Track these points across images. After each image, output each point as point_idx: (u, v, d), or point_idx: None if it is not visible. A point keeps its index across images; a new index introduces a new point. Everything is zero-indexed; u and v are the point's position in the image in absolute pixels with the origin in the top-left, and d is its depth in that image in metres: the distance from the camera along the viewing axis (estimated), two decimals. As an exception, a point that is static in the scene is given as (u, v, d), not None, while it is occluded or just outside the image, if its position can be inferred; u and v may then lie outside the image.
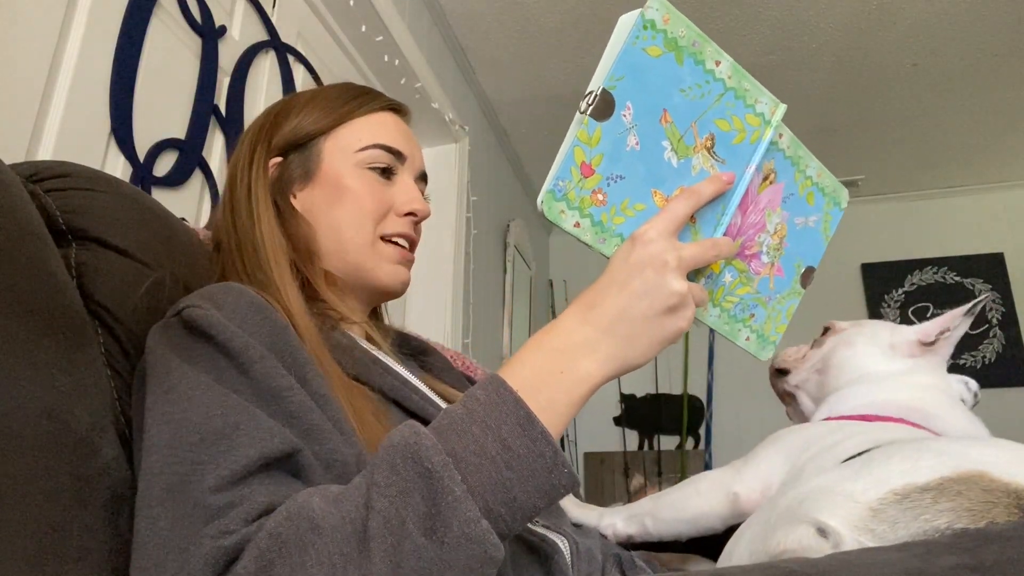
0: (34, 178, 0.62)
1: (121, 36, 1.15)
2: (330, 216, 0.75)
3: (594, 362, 0.52)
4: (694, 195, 0.57)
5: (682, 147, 0.59)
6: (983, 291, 3.39)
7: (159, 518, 0.46)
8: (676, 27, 0.56)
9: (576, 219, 0.55)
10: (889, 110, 2.87)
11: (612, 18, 0.60)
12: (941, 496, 0.47)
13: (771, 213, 0.66)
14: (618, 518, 0.82)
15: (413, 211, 0.77)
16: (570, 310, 0.54)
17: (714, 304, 0.64)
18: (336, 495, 0.45)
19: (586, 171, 0.55)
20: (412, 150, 0.80)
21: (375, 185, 0.76)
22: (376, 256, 0.76)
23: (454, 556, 0.42)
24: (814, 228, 0.70)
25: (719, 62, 0.59)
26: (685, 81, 0.57)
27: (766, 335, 0.69)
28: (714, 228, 0.61)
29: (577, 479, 0.47)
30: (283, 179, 0.76)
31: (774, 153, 0.64)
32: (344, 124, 0.78)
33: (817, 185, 0.69)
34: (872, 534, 0.47)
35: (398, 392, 0.66)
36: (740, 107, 0.61)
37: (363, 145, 0.76)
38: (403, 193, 0.78)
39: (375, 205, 0.75)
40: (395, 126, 0.80)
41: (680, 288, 0.53)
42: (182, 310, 0.57)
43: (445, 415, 0.48)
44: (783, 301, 0.70)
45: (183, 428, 0.49)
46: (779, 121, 0.63)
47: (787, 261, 0.69)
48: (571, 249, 3.64)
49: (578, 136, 0.54)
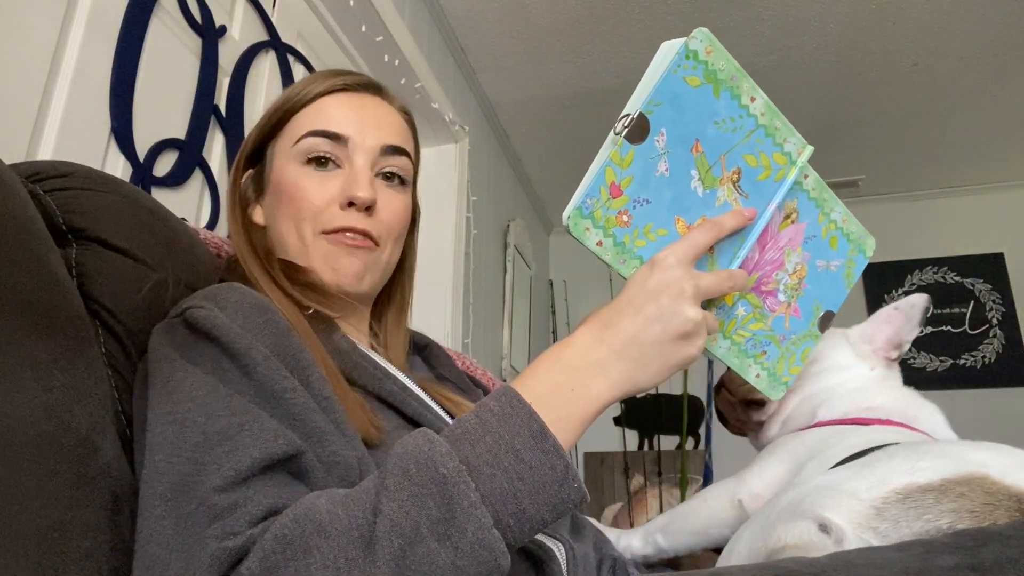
0: (34, 178, 0.62)
1: (121, 36, 1.15)
2: (276, 223, 0.73)
3: (605, 382, 0.52)
4: (715, 227, 0.58)
5: (709, 178, 0.60)
6: (983, 291, 3.39)
7: (162, 517, 0.46)
8: (717, 60, 0.57)
9: (600, 238, 0.56)
10: (889, 110, 2.87)
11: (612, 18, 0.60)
12: (943, 497, 0.47)
13: (791, 252, 0.66)
14: (635, 539, 0.83)
15: (351, 198, 0.70)
16: (585, 327, 0.55)
17: (725, 336, 0.64)
18: (343, 498, 0.45)
19: (615, 192, 0.55)
20: (363, 127, 0.72)
21: (315, 178, 0.71)
22: (315, 254, 0.70)
23: (467, 562, 0.42)
24: (836, 273, 0.70)
25: (754, 98, 0.60)
26: (720, 114, 0.58)
27: (778, 375, 0.69)
28: (731, 260, 0.62)
29: (587, 495, 0.47)
30: (245, 193, 0.77)
31: (798, 193, 0.65)
32: (290, 120, 0.74)
33: (842, 230, 0.69)
34: (875, 532, 0.47)
35: (395, 397, 0.66)
36: (769, 145, 0.62)
37: (297, 136, 0.72)
38: (346, 179, 0.71)
39: (311, 201, 0.70)
40: (339, 106, 0.73)
41: (695, 316, 0.54)
42: (185, 310, 0.57)
43: (458, 424, 0.48)
44: (799, 342, 0.69)
45: (187, 428, 0.49)
46: (805, 162, 0.63)
47: (805, 302, 0.69)
48: (571, 249, 3.63)
49: (611, 156, 0.54)
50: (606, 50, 2.49)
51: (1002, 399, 3.20)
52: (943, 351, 3.34)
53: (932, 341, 3.36)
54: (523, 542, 0.46)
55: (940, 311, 3.41)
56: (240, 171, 0.78)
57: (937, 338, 3.37)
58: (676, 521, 0.79)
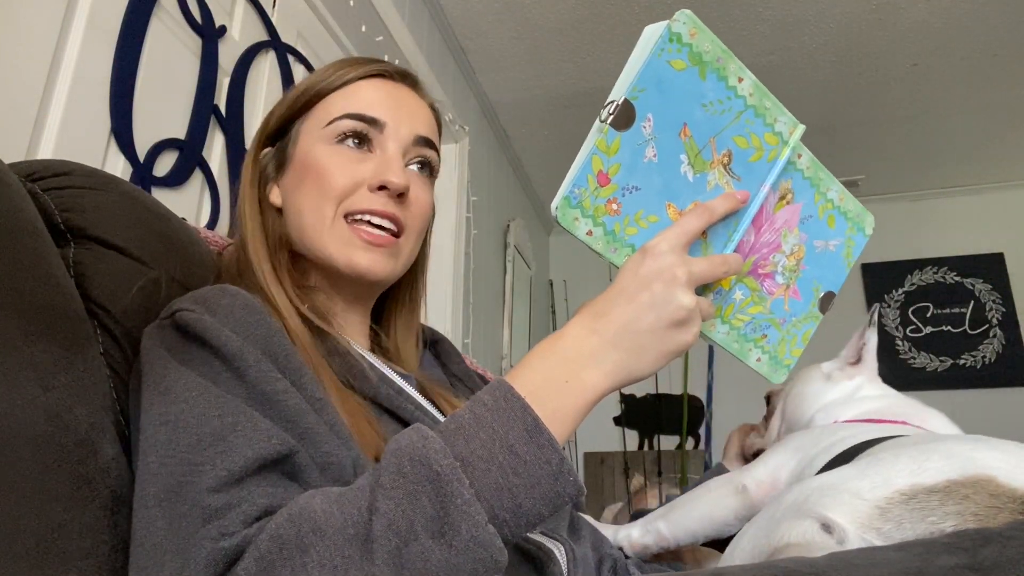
0: (33, 177, 0.62)
1: (121, 36, 1.15)
2: (295, 200, 0.71)
3: (600, 373, 0.51)
4: (707, 211, 0.57)
5: (699, 162, 0.59)
6: (983, 291, 3.39)
7: (156, 519, 0.46)
8: (702, 42, 0.56)
9: (589, 227, 0.55)
10: (889, 110, 2.87)
11: (612, 18, 0.60)
12: (948, 499, 0.47)
13: (787, 233, 0.65)
14: (633, 529, 0.82)
15: (384, 183, 0.68)
16: (578, 318, 0.54)
17: (723, 321, 0.63)
18: (339, 496, 0.45)
19: (603, 180, 0.55)
20: (397, 115, 0.72)
21: (345, 159, 0.69)
22: (331, 236, 0.69)
23: (462, 560, 0.42)
24: (835, 252, 0.69)
25: (742, 79, 0.59)
26: (707, 96, 0.57)
27: (779, 358, 0.68)
28: (725, 244, 0.61)
29: (583, 488, 0.47)
30: (264, 171, 0.75)
31: (792, 173, 0.64)
32: (321, 101, 0.72)
33: (839, 209, 0.68)
34: (878, 533, 0.47)
35: (392, 401, 0.65)
36: (759, 125, 0.61)
37: (331, 118, 0.70)
38: (379, 164, 0.70)
39: (339, 181, 0.68)
40: (375, 91, 0.72)
41: (688, 303, 0.53)
42: (174, 313, 0.57)
43: (452, 419, 0.47)
44: (799, 324, 0.68)
45: (179, 429, 0.49)
46: (797, 141, 0.62)
47: (804, 284, 0.68)
48: (571, 249, 3.63)
49: (596, 144, 0.54)
50: (606, 50, 2.49)
51: (1002, 399, 3.20)
52: (943, 351, 3.34)
53: (932, 341, 3.37)
54: (520, 537, 0.46)
55: (940, 311, 3.42)
56: (259, 148, 0.76)
57: (937, 338, 3.37)
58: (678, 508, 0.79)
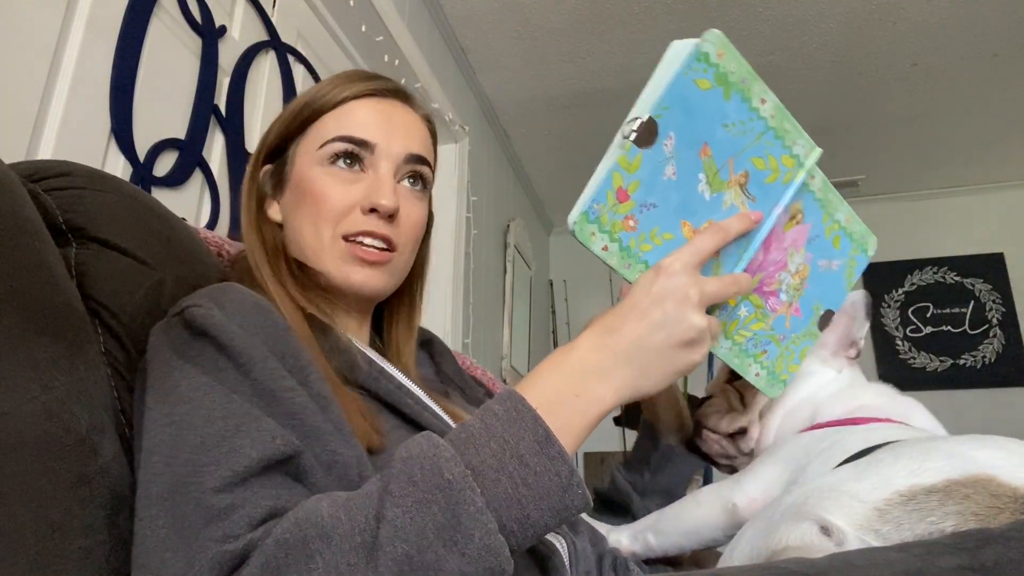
0: (34, 177, 0.62)
1: (121, 36, 1.15)
2: (294, 219, 0.73)
3: (609, 388, 0.52)
4: (721, 231, 0.58)
5: (716, 181, 0.59)
6: (983, 291, 3.39)
7: (159, 518, 0.46)
8: (729, 62, 0.56)
9: (605, 243, 0.55)
10: (889, 110, 2.87)
11: (612, 18, 0.59)
12: (948, 499, 0.46)
13: (794, 253, 0.66)
14: (624, 535, 0.81)
15: (374, 206, 0.70)
16: (590, 332, 0.55)
17: (726, 336, 0.64)
18: (346, 502, 0.45)
19: (622, 196, 0.55)
20: (389, 134, 0.73)
21: (338, 181, 0.71)
22: (330, 255, 0.71)
23: (473, 567, 0.42)
24: (837, 272, 0.70)
25: (764, 100, 0.59)
26: (729, 117, 0.58)
27: (777, 373, 0.69)
28: (736, 263, 0.61)
29: (591, 502, 0.47)
30: (263, 187, 0.77)
31: (804, 194, 0.64)
32: (315, 122, 0.74)
33: (845, 230, 0.69)
34: (877, 534, 0.46)
35: (393, 396, 0.65)
36: (778, 147, 0.61)
37: (324, 140, 0.72)
38: (370, 185, 0.71)
39: (333, 204, 0.70)
40: (367, 112, 0.73)
41: (699, 323, 0.53)
42: (184, 309, 0.57)
43: (463, 428, 0.48)
44: (798, 341, 0.69)
45: (184, 430, 0.49)
46: (813, 164, 0.63)
47: (806, 302, 0.68)
48: (571, 249, 3.63)
49: (618, 161, 0.54)
50: (606, 50, 2.49)
51: (1002, 399, 3.19)
52: (943, 351, 3.34)
53: (932, 341, 3.36)
54: (525, 547, 0.46)
55: (940, 311, 3.41)
56: (259, 165, 0.78)
57: (937, 338, 3.37)
58: (666, 521, 0.78)
